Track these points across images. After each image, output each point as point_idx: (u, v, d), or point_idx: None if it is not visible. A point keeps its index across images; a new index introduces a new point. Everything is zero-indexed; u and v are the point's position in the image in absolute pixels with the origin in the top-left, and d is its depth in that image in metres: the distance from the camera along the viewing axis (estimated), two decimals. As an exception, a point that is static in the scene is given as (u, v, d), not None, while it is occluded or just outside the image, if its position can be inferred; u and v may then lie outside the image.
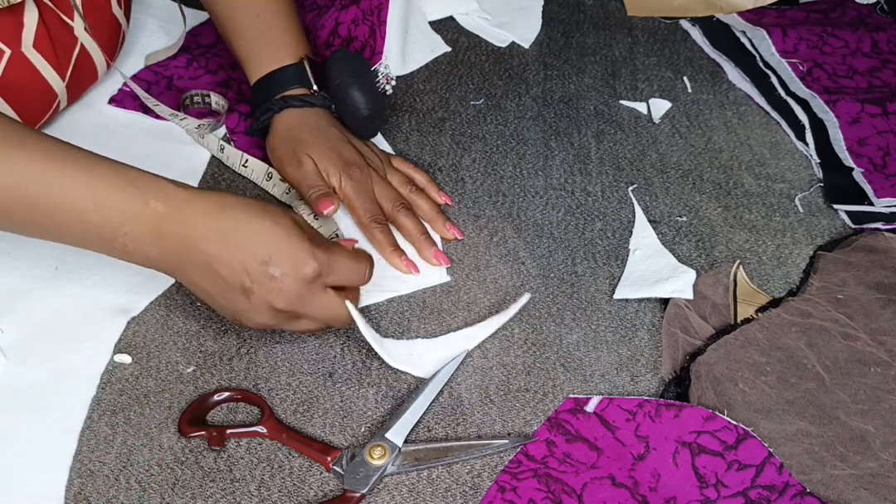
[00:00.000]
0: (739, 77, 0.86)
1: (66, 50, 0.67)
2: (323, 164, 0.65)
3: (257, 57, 0.69)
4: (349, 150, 0.66)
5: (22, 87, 0.64)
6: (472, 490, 0.52)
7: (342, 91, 0.67)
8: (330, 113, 0.69)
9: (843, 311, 0.62)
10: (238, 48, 0.70)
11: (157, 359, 0.57)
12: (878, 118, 0.78)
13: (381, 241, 0.64)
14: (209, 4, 0.72)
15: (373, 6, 0.82)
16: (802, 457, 0.53)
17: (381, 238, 0.64)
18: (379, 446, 0.52)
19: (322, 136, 0.66)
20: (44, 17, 0.64)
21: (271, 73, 0.69)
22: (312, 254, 0.52)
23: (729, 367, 0.58)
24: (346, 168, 0.65)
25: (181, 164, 0.71)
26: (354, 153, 0.66)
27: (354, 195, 0.65)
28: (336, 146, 0.66)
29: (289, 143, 0.66)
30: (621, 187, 0.73)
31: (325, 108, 0.69)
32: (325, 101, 0.69)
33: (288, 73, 0.68)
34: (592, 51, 0.89)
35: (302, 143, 0.66)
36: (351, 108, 0.68)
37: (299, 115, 0.67)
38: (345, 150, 0.66)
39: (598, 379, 0.58)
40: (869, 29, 0.89)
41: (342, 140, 0.67)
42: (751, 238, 0.69)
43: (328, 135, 0.67)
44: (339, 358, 0.59)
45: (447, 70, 0.85)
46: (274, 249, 0.51)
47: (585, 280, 0.65)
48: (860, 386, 0.58)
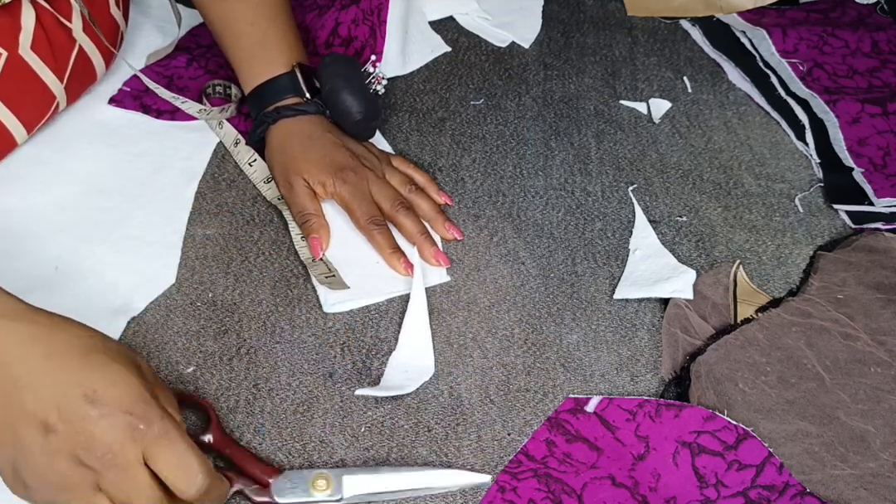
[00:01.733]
0: (739, 77, 0.86)
1: (63, 51, 0.67)
2: (315, 176, 0.65)
3: (250, 67, 0.69)
4: (342, 154, 0.66)
5: (20, 90, 0.64)
6: (472, 490, 0.52)
7: (334, 96, 0.67)
8: (325, 118, 0.69)
9: (843, 311, 0.62)
10: (232, 57, 0.70)
11: (157, 359, 0.57)
12: (878, 118, 0.78)
13: (379, 242, 0.64)
14: (204, 11, 0.72)
15: (373, 6, 0.82)
16: (802, 457, 0.53)
17: (380, 240, 0.64)
18: (324, 478, 0.49)
19: (314, 144, 0.66)
20: (41, 19, 0.64)
21: (264, 83, 0.68)
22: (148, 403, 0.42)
23: (729, 367, 0.58)
24: (339, 173, 0.65)
25: (181, 165, 0.71)
26: (348, 156, 0.66)
27: (350, 198, 0.64)
28: (329, 153, 0.66)
29: (281, 163, 0.66)
30: (621, 187, 0.73)
31: (319, 115, 0.69)
32: (318, 108, 0.68)
33: (280, 83, 0.68)
34: (592, 51, 0.89)
35: (293, 158, 0.66)
36: (344, 113, 0.68)
37: (292, 126, 0.67)
38: (338, 155, 0.66)
39: (598, 379, 0.58)
40: (869, 29, 0.89)
41: (336, 145, 0.67)
42: (751, 238, 0.69)
43: (321, 142, 0.67)
44: (339, 358, 0.59)
45: (447, 70, 0.85)
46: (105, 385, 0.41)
47: (585, 280, 0.65)
48: (860, 386, 0.58)
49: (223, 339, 0.59)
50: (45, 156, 0.69)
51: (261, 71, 0.69)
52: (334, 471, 0.50)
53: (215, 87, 0.77)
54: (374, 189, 0.66)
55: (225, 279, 0.63)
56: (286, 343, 0.59)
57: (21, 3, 0.63)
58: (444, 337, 0.60)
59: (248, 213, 0.68)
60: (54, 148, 0.70)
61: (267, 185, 0.69)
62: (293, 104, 0.68)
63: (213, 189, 0.70)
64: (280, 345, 0.59)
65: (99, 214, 0.66)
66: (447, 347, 0.60)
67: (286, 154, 0.66)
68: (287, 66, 0.69)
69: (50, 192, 0.66)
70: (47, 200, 0.66)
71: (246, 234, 0.66)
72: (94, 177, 0.68)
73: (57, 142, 0.70)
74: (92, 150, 0.70)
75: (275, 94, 0.68)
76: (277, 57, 0.69)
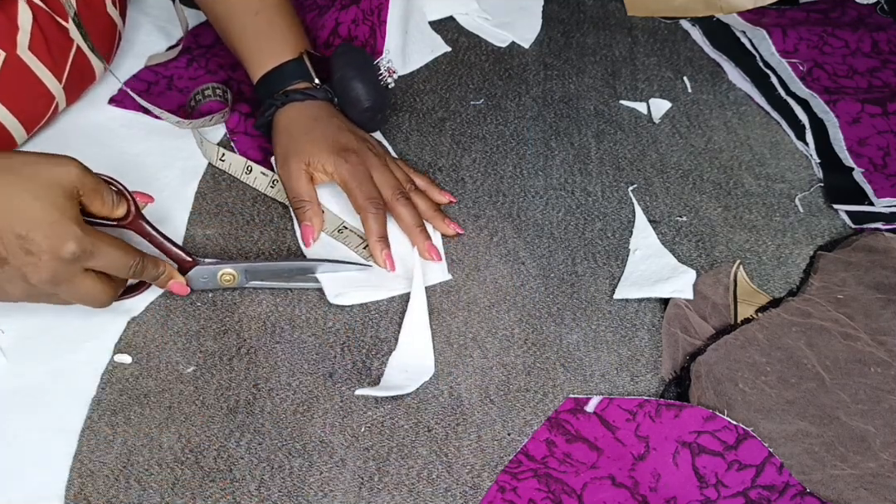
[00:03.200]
0: (739, 77, 0.86)
1: (62, 52, 0.67)
2: (316, 156, 0.64)
3: (259, 54, 0.69)
4: (346, 137, 0.66)
5: (19, 90, 0.64)
6: (472, 490, 0.52)
7: (344, 83, 0.68)
8: (332, 105, 0.69)
9: (843, 311, 0.62)
10: (239, 47, 0.71)
11: (157, 359, 0.57)
12: (878, 118, 0.78)
13: (370, 228, 0.63)
14: (207, 6, 0.72)
15: (373, 6, 0.82)
16: (802, 457, 0.53)
17: (373, 224, 0.63)
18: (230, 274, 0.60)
19: (319, 126, 0.66)
20: (38, 20, 0.64)
21: (274, 69, 0.69)
22: (74, 235, 0.49)
23: (729, 367, 0.58)
24: (342, 153, 0.64)
25: (181, 164, 0.71)
26: (353, 139, 0.66)
27: (350, 177, 0.63)
28: (333, 134, 0.66)
29: (283, 144, 0.66)
30: (621, 187, 0.73)
31: (327, 101, 0.69)
32: (327, 94, 0.69)
33: (290, 68, 0.69)
34: (592, 51, 0.89)
35: (296, 140, 0.66)
36: (353, 100, 0.68)
37: (300, 109, 0.67)
38: (342, 137, 0.66)
39: (598, 379, 0.58)
40: (869, 29, 0.89)
41: (341, 128, 0.67)
42: (751, 238, 0.69)
43: (326, 124, 0.67)
44: (339, 358, 0.59)
45: (447, 70, 0.85)
46: (32, 225, 0.48)
47: (585, 280, 0.65)
48: (860, 386, 0.58)
49: (223, 339, 0.59)
50: (46, 156, 0.69)
51: (270, 57, 0.69)
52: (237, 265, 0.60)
53: (215, 89, 0.76)
54: (375, 174, 0.65)
55: (225, 279, 0.63)
56: (286, 343, 0.59)
57: (17, 3, 0.63)
58: (444, 337, 0.60)
59: (248, 213, 0.68)
60: (54, 148, 0.69)
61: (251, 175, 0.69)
62: (302, 89, 0.68)
63: (213, 189, 0.70)
64: (280, 345, 0.59)
65: (99, 214, 0.66)
66: (447, 347, 0.60)
67: (290, 135, 0.66)
68: (295, 53, 0.69)
69: (50, 192, 0.66)
70: (47, 200, 0.66)
71: (246, 234, 0.66)
72: (94, 177, 0.68)
73: (57, 142, 0.70)
74: (92, 151, 0.70)
75: (284, 79, 0.68)
76: (285, 44, 0.69)
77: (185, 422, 0.54)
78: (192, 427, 0.54)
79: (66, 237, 0.49)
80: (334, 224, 0.65)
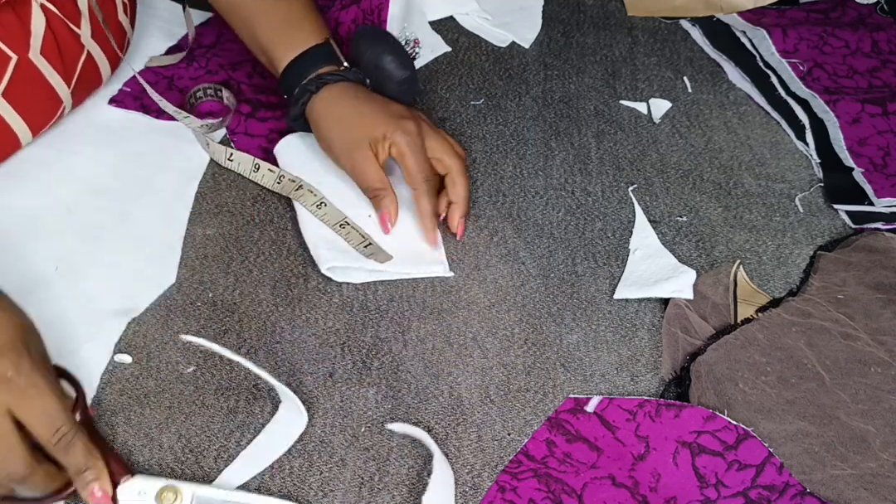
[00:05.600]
0: (739, 77, 0.86)
1: (72, 57, 0.67)
2: (376, 130, 0.63)
3: (284, 41, 0.68)
4: (395, 106, 0.66)
5: (29, 93, 0.64)
6: (472, 490, 0.52)
7: (376, 60, 0.68)
8: (365, 86, 0.69)
9: (843, 311, 0.62)
10: (261, 36, 0.69)
11: (157, 359, 0.57)
12: (878, 118, 0.78)
13: (424, 206, 0.64)
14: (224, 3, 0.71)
15: (373, 6, 0.82)
16: (802, 457, 0.53)
17: (425, 203, 0.64)
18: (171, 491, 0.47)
19: (365, 101, 0.66)
20: (50, 24, 0.64)
21: (301, 54, 0.68)
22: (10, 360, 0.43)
23: (729, 367, 0.58)
24: (399, 121, 0.64)
25: (181, 164, 0.71)
26: (402, 107, 0.66)
27: (408, 149, 0.63)
28: (382, 106, 0.65)
29: (339, 137, 0.65)
30: (621, 187, 0.73)
31: (359, 82, 0.68)
32: (358, 76, 0.68)
33: (318, 53, 0.68)
34: (592, 51, 0.89)
35: (349, 126, 0.65)
36: (387, 75, 0.68)
37: (338, 91, 0.66)
38: (392, 105, 0.66)
39: (598, 379, 0.58)
40: (869, 29, 0.89)
41: (385, 101, 0.67)
42: (751, 238, 0.69)
43: (371, 98, 0.66)
44: (339, 358, 0.59)
45: (447, 70, 0.85)
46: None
47: (585, 280, 0.65)
48: (860, 386, 0.58)
49: (223, 339, 0.59)
50: (46, 156, 0.69)
51: (297, 42, 0.68)
52: (185, 484, 0.48)
53: (206, 90, 0.76)
54: (429, 140, 0.65)
55: (225, 279, 0.63)
56: (286, 343, 0.59)
57: (31, 8, 0.63)
58: (444, 337, 0.60)
59: (248, 213, 0.68)
60: (55, 148, 0.70)
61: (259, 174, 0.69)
62: (333, 71, 0.67)
63: (213, 189, 0.70)
64: (280, 345, 0.59)
65: (99, 214, 0.66)
66: (447, 347, 0.60)
67: (339, 119, 0.65)
68: (321, 38, 0.68)
69: (50, 193, 0.66)
70: (48, 200, 0.66)
71: (246, 234, 0.66)
72: (94, 177, 0.68)
73: (58, 142, 0.70)
74: (92, 151, 0.70)
75: (314, 63, 0.67)
76: (309, 29, 0.68)
77: (185, 422, 0.54)
78: (192, 427, 0.54)
79: (10, 350, 0.43)
80: (336, 218, 0.65)
